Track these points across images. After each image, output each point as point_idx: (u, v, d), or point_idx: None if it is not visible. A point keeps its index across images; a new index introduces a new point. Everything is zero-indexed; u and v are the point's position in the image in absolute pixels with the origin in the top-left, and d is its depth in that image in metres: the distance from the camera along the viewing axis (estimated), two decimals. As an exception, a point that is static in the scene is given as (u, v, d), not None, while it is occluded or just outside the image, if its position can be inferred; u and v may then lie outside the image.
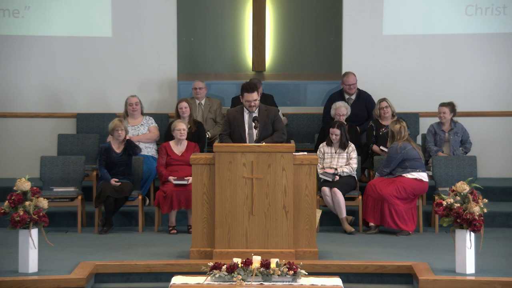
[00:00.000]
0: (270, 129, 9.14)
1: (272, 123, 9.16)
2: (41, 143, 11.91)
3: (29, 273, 7.96)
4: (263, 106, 9.28)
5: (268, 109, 9.24)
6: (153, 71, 12.06)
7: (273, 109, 9.33)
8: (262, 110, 9.17)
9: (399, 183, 9.97)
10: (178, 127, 10.29)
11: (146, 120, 11.09)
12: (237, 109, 9.25)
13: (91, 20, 12.00)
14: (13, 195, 8.07)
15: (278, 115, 9.32)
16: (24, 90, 12.02)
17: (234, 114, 9.22)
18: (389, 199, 9.88)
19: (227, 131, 9.21)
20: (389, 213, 9.90)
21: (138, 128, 10.98)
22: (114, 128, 10.28)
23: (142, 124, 11.04)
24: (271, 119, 9.16)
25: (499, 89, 11.98)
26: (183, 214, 10.24)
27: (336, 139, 10.28)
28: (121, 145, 10.31)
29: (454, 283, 7.81)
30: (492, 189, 10.85)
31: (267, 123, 9.11)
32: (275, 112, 9.27)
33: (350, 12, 12.02)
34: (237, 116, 9.16)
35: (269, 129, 9.13)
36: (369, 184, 10.16)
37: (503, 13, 11.95)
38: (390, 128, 10.25)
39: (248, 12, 12.81)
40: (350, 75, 11.46)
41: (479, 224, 7.88)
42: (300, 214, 8.54)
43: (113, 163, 10.27)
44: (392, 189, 9.94)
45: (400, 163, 10.07)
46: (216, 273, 7.43)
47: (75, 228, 10.24)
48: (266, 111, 9.18)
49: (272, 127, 9.16)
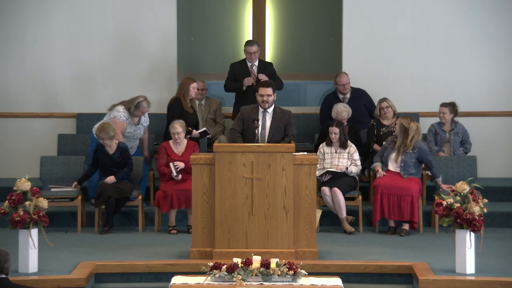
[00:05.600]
0: (282, 133, 9.16)
1: (285, 126, 9.17)
2: (41, 143, 11.91)
3: (29, 273, 7.97)
4: (278, 108, 9.31)
5: (282, 112, 9.28)
6: (153, 71, 12.06)
7: (287, 112, 9.34)
8: (276, 113, 9.19)
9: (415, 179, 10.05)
10: (174, 130, 10.24)
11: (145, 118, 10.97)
12: (252, 108, 9.25)
13: (91, 20, 12.00)
14: (13, 195, 8.07)
15: (292, 119, 9.32)
16: (24, 90, 12.02)
17: (249, 113, 9.20)
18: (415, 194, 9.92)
19: (240, 129, 9.17)
20: (411, 207, 9.89)
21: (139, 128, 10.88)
22: (99, 137, 10.23)
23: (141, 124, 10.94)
24: (285, 122, 9.19)
25: (499, 89, 11.98)
26: (183, 214, 10.24)
27: (336, 138, 10.27)
28: (113, 147, 10.28)
29: (454, 283, 7.82)
30: (492, 189, 10.85)
31: (280, 126, 9.13)
32: (289, 115, 9.28)
33: (350, 12, 12.03)
34: (251, 115, 9.16)
35: (281, 132, 9.15)
36: (380, 182, 10.08)
37: (503, 13, 11.95)
38: (403, 125, 10.17)
39: (248, 12, 12.80)
40: (343, 75, 11.47)
41: (479, 224, 7.88)
42: (300, 214, 8.54)
43: (105, 163, 10.24)
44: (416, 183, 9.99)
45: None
46: (216, 273, 7.43)
47: (75, 228, 10.24)
48: (280, 114, 9.21)
49: (284, 130, 9.17)
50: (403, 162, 10.14)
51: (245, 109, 9.32)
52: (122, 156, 10.25)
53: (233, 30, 12.93)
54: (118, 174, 10.17)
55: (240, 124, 9.20)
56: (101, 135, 10.19)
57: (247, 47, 11.27)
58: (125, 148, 10.33)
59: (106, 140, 10.20)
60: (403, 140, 10.20)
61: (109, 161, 10.24)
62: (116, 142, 10.28)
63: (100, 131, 10.20)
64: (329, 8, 12.76)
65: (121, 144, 10.33)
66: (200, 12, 12.90)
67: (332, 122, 10.38)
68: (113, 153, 10.26)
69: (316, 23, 12.88)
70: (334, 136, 10.27)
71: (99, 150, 10.28)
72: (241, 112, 9.30)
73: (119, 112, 10.59)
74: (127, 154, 10.31)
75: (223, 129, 11.61)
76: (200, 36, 12.94)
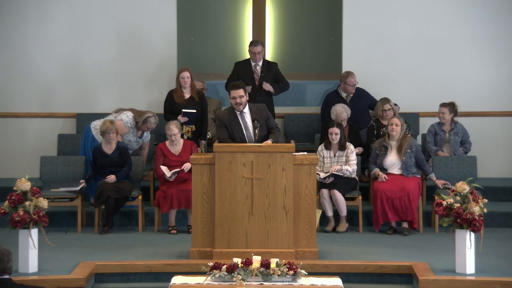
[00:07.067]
0: (265, 128, 9.10)
1: (265, 120, 9.13)
2: (41, 143, 11.91)
3: (29, 273, 7.96)
4: (253, 105, 9.21)
5: (258, 107, 9.16)
6: (153, 71, 12.06)
7: (261, 106, 9.21)
8: (253, 110, 9.12)
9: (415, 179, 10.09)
10: (170, 132, 10.21)
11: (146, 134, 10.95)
12: (228, 112, 9.15)
13: (91, 20, 12.00)
14: (13, 195, 8.07)
15: (268, 111, 9.25)
16: (24, 90, 12.02)
17: (227, 117, 9.09)
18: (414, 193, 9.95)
19: (226, 135, 9.05)
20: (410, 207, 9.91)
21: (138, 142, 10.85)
22: (106, 131, 10.24)
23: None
24: (263, 117, 9.12)
25: (499, 89, 11.99)
26: (183, 214, 10.24)
27: (336, 139, 10.26)
28: (112, 147, 10.28)
29: (454, 283, 7.82)
30: (492, 189, 10.84)
31: (261, 122, 9.07)
32: (265, 109, 9.19)
33: (350, 12, 12.03)
34: (231, 120, 9.06)
35: (264, 127, 9.10)
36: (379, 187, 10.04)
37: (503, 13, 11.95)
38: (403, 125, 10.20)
39: (248, 12, 12.79)
40: (354, 75, 11.48)
41: (479, 224, 7.88)
42: (300, 214, 8.54)
43: (103, 164, 10.23)
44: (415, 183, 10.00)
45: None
46: (216, 273, 7.43)
47: (75, 228, 10.24)
48: (256, 110, 9.11)
49: (265, 124, 9.12)
50: (405, 163, 10.15)
51: (223, 115, 9.16)
52: (121, 155, 10.25)
53: (233, 30, 12.93)
54: (118, 173, 10.17)
55: (224, 131, 9.06)
56: (109, 127, 10.16)
57: (251, 47, 11.33)
58: (124, 148, 10.33)
59: (111, 134, 10.18)
60: (402, 140, 10.21)
61: (108, 161, 10.24)
62: (115, 142, 10.28)
63: (108, 124, 10.18)
64: (329, 8, 12.76)
65: (121, 144, 10.33)
66: (200, 12, 12.90)
67: (332, 123, 10.37)
68: (112, 153, 10.26)
69: (316, 23, 12.88)
70: (335, 137, 10.26)
71: (97, 152, 10.27)
72: (219, 119, 9.12)
73: (128, 117, 10.62)
74: (126, 154, 10.31)
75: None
76: (200, 36, 12.93)
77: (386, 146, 10.27)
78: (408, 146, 10.17)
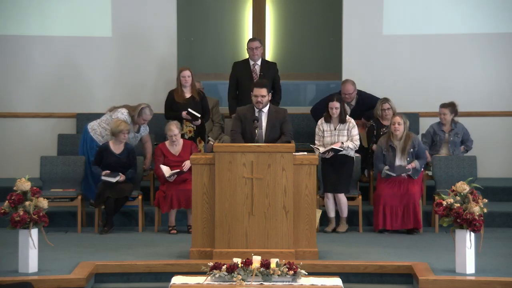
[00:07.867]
0: (278, 131, 9.12)
1: (280, 124, 9.14)
2: (41, 143, 11.91)
3: (29, 273, 7.96)
4: (273, 107, 9.28)
5: (277, 111, 9.24)
6: (153, 71, 12.06)
7: (282, 110, 9.29)
8: (271, 112, 9.17)
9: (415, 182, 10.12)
10: (170, 133, 10.21)
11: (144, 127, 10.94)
12: (248, 108, 9.23)
13: (91, 20, 12.00)
14: (13, 195, 8.07)
15: (287, 116, 9.26)
16: (24, 90, 12.02)
17: (245, 113, 9.19)
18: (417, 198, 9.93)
19: (239, 129, 9.14)
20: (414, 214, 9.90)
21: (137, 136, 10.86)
22: (121, 131, 10.21)
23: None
24: (280, 120, 9.15)
25: (499, 89, 11.99)
26: (183, 214, 10.24)
27: (336, 113, 10.05)
28: (121, 147, 10.27)
29: (454, 283, 7.82)
30: (492, 189, 10.84)
31: (275, 125, 9.09)
32: (284, 113, 9.23)
33: (350, 12, 12.03)
34: (248, 116, 9.14)
35: (277, 130, 9.12)
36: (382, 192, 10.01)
37: (503, 13, 11.95)
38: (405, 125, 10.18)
39: (248, 12, 12.80)
40: (347, 83, 11.25)
41: (479, 224, 7.88)
42: (300, 214, 8.54)
43: (109, 164, 10.21)
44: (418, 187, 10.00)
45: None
46: (216, 273, 7.43)
47: (75, 228, 10.24)
48: (275, 112, 9.17)
49: (280, 128, 9.14)
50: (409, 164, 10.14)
51: (241, 109, 9.29)
52: (129, 157, 10.23)
53: (233, 30, 12.93)
54: (127, 173, 10.16)
55: (239, 125, 9.16)
56: (125, 127, 10.14)
57: (249, 42, 11.24)
58: (132, 149, 10.32)
59: (126, 134, 10.15)
60: (406, 140, 10.17)
61: (115, 161, 10.21)
62: (123, 142, 10.26)
63: (120, 125, 10.15)
64: (329, 8, 12.76)
65: (128, 145, 10.32)
66: (200, 12, 12.90)
67: (332, 97, 10.14)
68: (121, 153, 10.23)
69: (316, 23, 12.88)
70: (335, 111, 10.02)
71: (104, 150, 10.23)
72: (238, 113, 9.26)
73: (123, 114, 10.57)
74: (134, 155, 10.30)
75: (221, 126, 11.61)
76: (200, 36, 12.94)
77: (393, 147, 10.18)
78: (410, 147, 10.14)
